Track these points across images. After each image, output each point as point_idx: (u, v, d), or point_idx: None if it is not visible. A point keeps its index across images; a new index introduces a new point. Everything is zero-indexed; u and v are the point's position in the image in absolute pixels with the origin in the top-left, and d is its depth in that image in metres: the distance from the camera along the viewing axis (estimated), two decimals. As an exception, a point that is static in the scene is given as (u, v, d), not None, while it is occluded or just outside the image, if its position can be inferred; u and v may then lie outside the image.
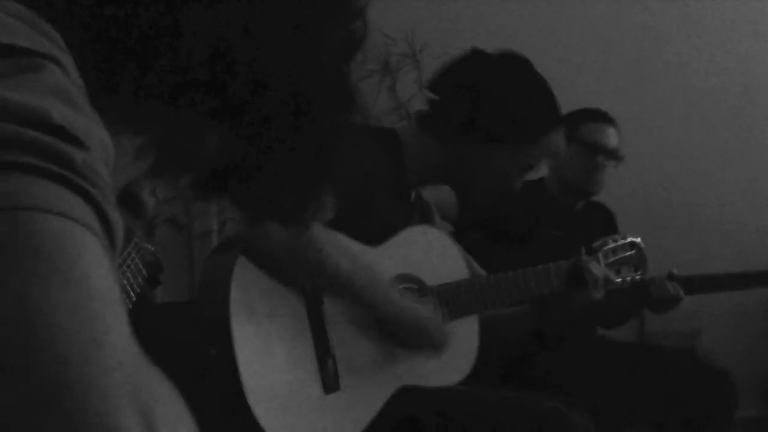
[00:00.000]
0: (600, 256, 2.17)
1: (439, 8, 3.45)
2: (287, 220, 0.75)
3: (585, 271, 2.04)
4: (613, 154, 2.63)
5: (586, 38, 3.59)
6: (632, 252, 2.25)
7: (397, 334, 1.77)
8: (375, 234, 1.83)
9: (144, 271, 1.69)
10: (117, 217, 0.44)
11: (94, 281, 0.40)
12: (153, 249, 1.80)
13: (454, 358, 1.90)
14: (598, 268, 2.07)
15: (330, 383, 1.70)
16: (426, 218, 2.04)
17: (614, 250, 2.21)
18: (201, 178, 0.69)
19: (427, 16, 3.41)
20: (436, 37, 3.36)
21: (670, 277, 2.48)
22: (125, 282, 1.60)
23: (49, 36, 0.46)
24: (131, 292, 1.62)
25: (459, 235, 2.22)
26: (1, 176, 0.39)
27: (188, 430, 0.44)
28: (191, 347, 1.65)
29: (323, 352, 1.70)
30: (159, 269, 1.79)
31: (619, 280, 2.19)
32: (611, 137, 2.63)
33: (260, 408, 1.56)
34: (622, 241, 2.24)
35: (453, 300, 1.91)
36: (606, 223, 2.75)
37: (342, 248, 1.67)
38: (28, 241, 0.39)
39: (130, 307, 1.59)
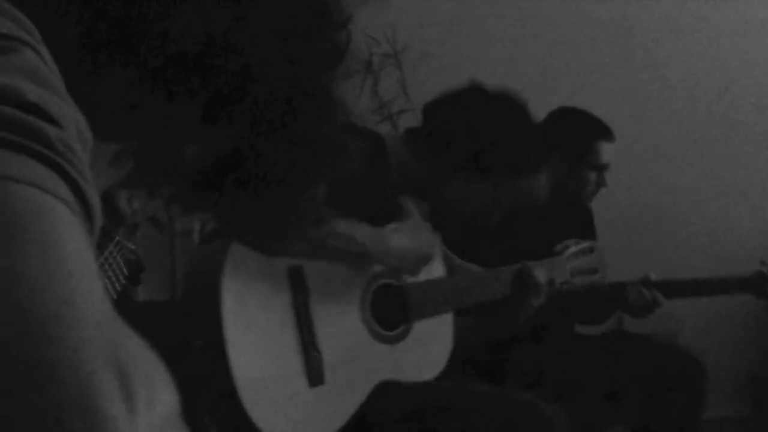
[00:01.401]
0: (564, 258, 2.20)
1: (421, 9, 3.46)
2: (269, 233, 0.75)
3: (526, 276, 2.07)
4: (605, 169, 2.68)
5: (570, 38, 3.60)
6: (592, 254, 2.28)
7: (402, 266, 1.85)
8: None
9: (125, 270, 1.69)
10: (94, 194, 0.44)
11: (68, 245, 0.40)
12: (134, 248, 1.80)
13: (431, 354, 1.96)
14: (540, 274, 2.09)
15: (315, 376, 1.72)
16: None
17: (576, 254, 2.25)
18: (179, 190, 0.68)
19: (410, 16, 3.41)
20: (418, 38, 3.38)
21: (646, 281, 2.49)
22: (106, 281, 1.60)
23: (24, 26, 0.46)
24: (112, 291, 1.62)
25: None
26: None
27: (164, 385, 0.44)
28: (174, 345, 1.65)
29: (309, 345, 1.73)
30: (140, 268, 1.79)
31: (579, 283, 2.24)
32: (605, 154, 2.67)
33: (249, 400, 1.58)
34: (583, 245, 2.27)
35: (427, 297, 1.94)
36: (583, 220, 2.76)
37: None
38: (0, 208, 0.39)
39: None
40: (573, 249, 2.25)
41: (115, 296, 1.63)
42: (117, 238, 1.65)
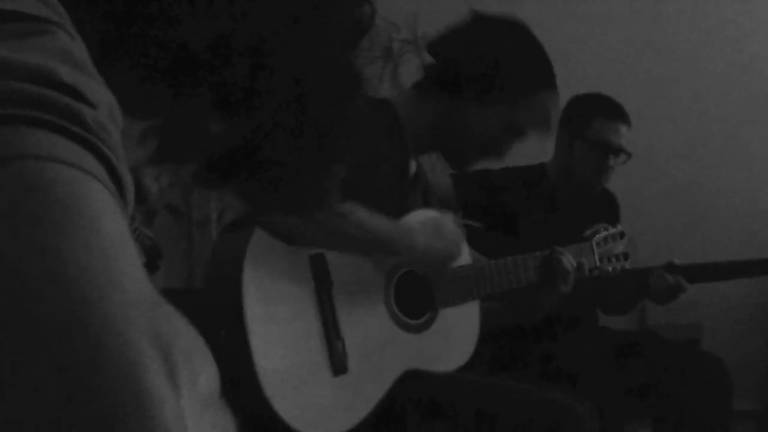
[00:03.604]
0: (593, 244, 2.17)
1: (442, -5, 3.42)
2: (292, 209, 0.75)
3: (555, 262, 2.03)
4: (622, 152, 2.59)
5: (592, 26, 3.56)
6: (621, 241, 2.25)
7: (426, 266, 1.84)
8: (379, 211, 1.82)
9: (143, 257, 1.67)
10: (127, 174, 0.44)
11: (106, 224, 0.40)
12: (152, 235, 1.78)
13: (456, 343, 1.93)
14: (568, 260, 2.05)
15: (338, 365, 1.70)
16: (426, 194, 2.04)
17: (605, 239, 2.21)
18: (204, 166, 0.68)
19: (430, 2, 3.38)
20: (439, 23, 3.34)
21: (670, 267, 2.46)
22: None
23: (52, 5, 0.47)
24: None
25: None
26: (10, 129, 0.40)
27: (205, 362, 0.46)
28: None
29: (332, 334, 1.70)
30: (158, 255, 1.77)
31: (610, 268, 2.19)
32: (622, 135, 2.58)
33: (271, 389, 1.57)
34: (613, 231, 2.24)
35: (452, 285, 1.91)
36: (607, 211, 2.72)
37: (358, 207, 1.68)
38: (38, 188, 0.39)
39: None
40: (603, 234, 2.22)
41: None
42: (134, 225, 1.62)
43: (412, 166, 1.98)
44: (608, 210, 2.73)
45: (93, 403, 0.36)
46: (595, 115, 2.58)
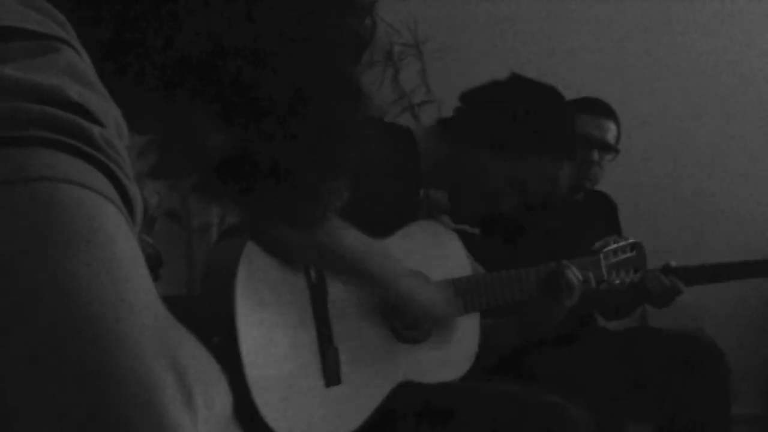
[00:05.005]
0: (601, 257, 2.15)
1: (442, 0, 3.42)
2: (289, 221, 0.75)
3: (560, 277, 2.01)
4: (609, 149, 2.57)
5: (590, 29, 3.56)
6: (632, 254, 2.23)
7: (406, 315, 1.76)
8: (380, 227, 1.82)
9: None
10: (136, 191, 0.45)
11: (119, 245, 0.40)
12: (152, 242, 1.78)
13: (454, 355, 1.91)
14: (574, 274, 2.03)
15: (331, 376, 1.70)
16: (433, 214, 2.04)
17: (615, 252, 2.19)
18: (203, 179, 0.68)
19: (431, 7, 3.38)
20: (440, 28, 3.34)
21: (666, 269, 2.45)
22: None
23: (59, 21, 0.47)
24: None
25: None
26: (22, 150, 0.40)
27: (219, 384, 0.46)
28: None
29: (326, 344, 1.70)
30: (159, 262, 1.77)
31: (618, 281, 2.18)
32: (608, 131, 2.57)
33: (262, 399, 1.56)
34: (623, 242, 2.22)
35: (453, 297, 1.88)
36: (607, 214, 2.72)
37: (353, 230, 1.66)
38: (51, 209, 0.39)
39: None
40: (612, 246, 2.19)
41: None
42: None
43: (421, 192, 2.00)
44: (608, 212, 2.73)
45: (110, 427, 0.36)
46: (579, 112, 2.58)
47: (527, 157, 1.91)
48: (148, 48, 0.56)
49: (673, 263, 2.46)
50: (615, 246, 2.20)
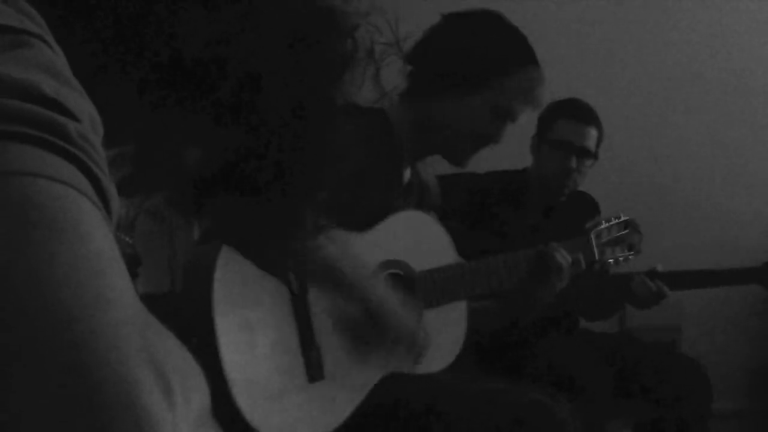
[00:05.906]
0: (592, 237, 2.15)
1: (423, -3, 3.42)
2: (268, 240, 0.74)
3: (548, 259, 2.02)
4: (588, 155, 2.57)
5: (575, 29, 3.56)
6: (626, 231, 2.23)
7: (375, 328, 1.75)
8: (364, 219, 1.82)
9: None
10: (111, 186, 0.44)
11: (96, 241, 0.40)
12: (131, 242, 1.79)
13: (441, 345, 1.90)
14: (562, 257, 2.04)
15: (314, 372, 1.69)
16: (423, 199, 2.03)
17: (608, 230, 2.20)
18: (179, 194, 0.68)
19: (412, 5, 3.38)
20: (421, 27, 3.34)
21: (652, 273, 2.46)
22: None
23: (33, 17, 0.46)
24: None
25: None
26: None
27: (197, 380, 0.46)
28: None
29: (307, 342, 1.69)
30: (137, 262, 1.78)
31: (611, 260, 2.18)
32: (586, 137, 2.56)
33: (243, 399, 1.56)
34: (616, 221, 2.22)
35: (438, 286, 1.89)
36: (590, 213, 2.73)
37: (331, 235, 1.66)
38: (26, 204, 0.38)
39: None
40: (603, 226, 2.19)
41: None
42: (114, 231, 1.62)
43: (406, 174, 1.98)
44: (591, 210, 2.74)
45: (90, 422, 0.36)
46: (559, 117, 2.58)
47: (495, 84, 1.89)
48: (142, 50, 0.56)
49: (660, 268, 2.47)
50: (606, 225, 2.20)
